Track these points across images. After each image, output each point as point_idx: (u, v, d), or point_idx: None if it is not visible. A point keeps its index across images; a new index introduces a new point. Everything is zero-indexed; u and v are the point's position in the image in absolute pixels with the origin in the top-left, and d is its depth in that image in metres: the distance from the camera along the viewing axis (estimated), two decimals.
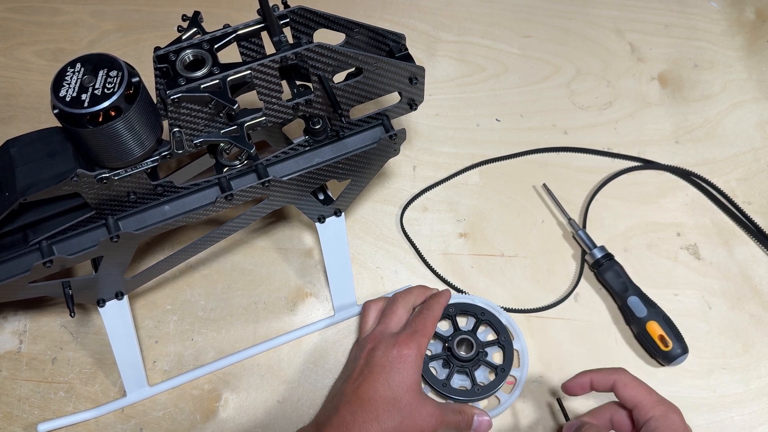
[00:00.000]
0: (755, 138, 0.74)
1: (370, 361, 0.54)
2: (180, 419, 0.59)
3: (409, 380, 0.53)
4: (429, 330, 0.56)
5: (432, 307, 0.58)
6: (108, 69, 0.45)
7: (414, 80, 0.56)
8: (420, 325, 0.56)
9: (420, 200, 0.70)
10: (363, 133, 0.58)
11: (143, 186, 0.51)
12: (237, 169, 0.54)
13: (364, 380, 0.53)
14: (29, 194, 0.47)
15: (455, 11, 0.83)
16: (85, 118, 0.44)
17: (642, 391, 0.50)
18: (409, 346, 0.54)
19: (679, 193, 0.70)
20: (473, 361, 0.60)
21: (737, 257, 0.67)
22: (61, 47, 0.79)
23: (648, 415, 0.49)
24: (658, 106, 0.76)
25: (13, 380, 0.60)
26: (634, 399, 0.50)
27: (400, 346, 0.54)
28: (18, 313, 0.63)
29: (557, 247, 0.67)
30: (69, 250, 0.52)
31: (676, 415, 0.49)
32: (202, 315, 0.63)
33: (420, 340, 0.55)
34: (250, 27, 0.52)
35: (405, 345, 0.54)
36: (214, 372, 0.61)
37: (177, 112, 0.48)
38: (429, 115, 0.75)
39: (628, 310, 0.62)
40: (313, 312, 0.64)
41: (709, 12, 0.83)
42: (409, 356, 0.53)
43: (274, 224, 0.68)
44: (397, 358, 0.53)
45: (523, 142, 0.73)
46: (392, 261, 0.67)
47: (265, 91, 0.51)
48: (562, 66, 0.78)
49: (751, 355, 0.62)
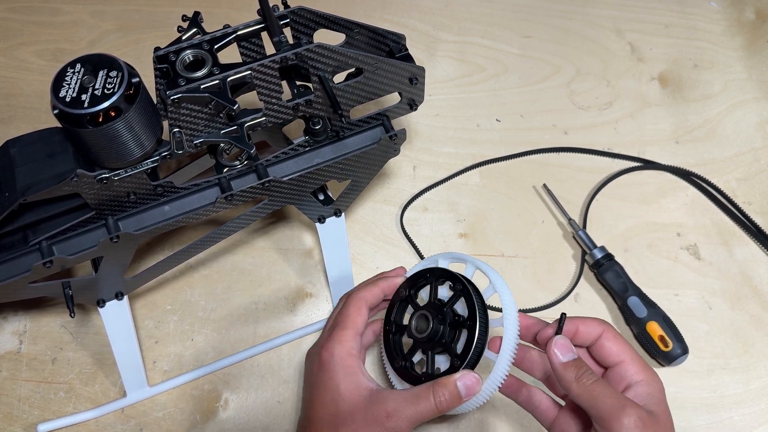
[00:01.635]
0: (755, 138, 0.74)
1: (307, 379, 0.50)
2: (180, 419, 0.59)
3: (342, 388, 0.46)
4: (351, 320, 0.49)
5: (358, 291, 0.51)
6: (108, 69, 0.45)
7: (414, 80, 0.56)
8: (340, 318, 0.49)
9: (420, 200, 0.70)
10: (363, 134, 0.58)
11: (143, 186, 0.51)
12: (237, 169, 0.54)
13: (307, 402, 0.49)
14: (29, 194, 0.47)
15: (455, 11, 0.83)
16: (85, 118, 0.44)
17: (630, 350, 0.46)
18: (327, 348, 0.48)
19: (679, 193, 0.70)
20: (431, 342, 0.49)
21: (737, 257, 0.67)
22: (61, 47, 0.79)
23: (637, 377, 0.45)
24: (658, 106, 0.76)
25: (13, 380, 0.60)
26: (621, 355, 0.46)
27: (321, 355, 0.48)
28: (18, 313, 0.63)
29: (557, 247, 0.67)
30: (69, 251, 0.52)
31: (660, 381, 0.46)
32: (202, 315, 0.63)
33: (340, 335, 0.48)
34: (250, 27, 0.52)
35: (325, 349, 0.48)
36: (214, 372, 0.61)
37: (177, 113, 0.48)
38: (429, 115, 0.75)
39: (628, 310, 0.62)
40: (313, 312, 0.64)
41: (709, 12, 0.83)
42: (330, 361, 0.47)
43: (274, 224, 0.68)
44: (321, 369, 0.47)
45: (523, 142, 0.73)
46: (392, 261, 0.66)
47: (265, 91, 0.51)
48: (562, 66, 0.78)
49: (751, 356, 0.62)
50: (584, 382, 0.44)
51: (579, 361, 0.45)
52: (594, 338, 0.47)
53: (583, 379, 0.44)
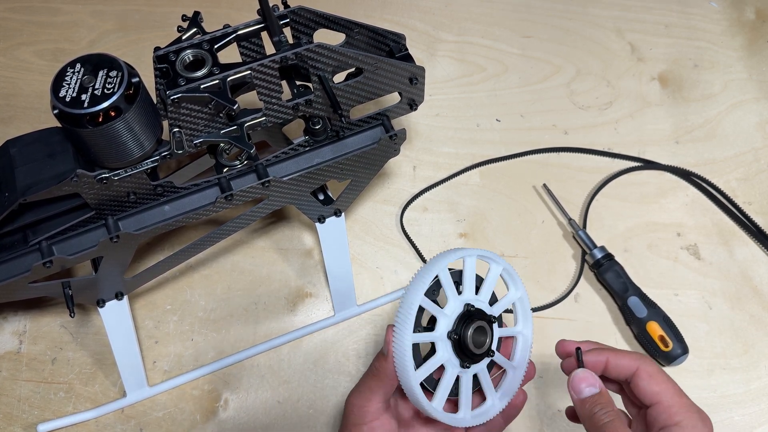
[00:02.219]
0: (755, 138, 0.74)
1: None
2: (180, 419, 0.59)
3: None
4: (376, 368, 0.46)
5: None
6: (108, 69, 0.45)
7: (414, 80, 0.56)
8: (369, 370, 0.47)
9: (420, 200, 0.70)
10: (363, 133, 0.58)
11: (143, 186, 0.51)
12: (237, 169, 0.54)
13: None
14: (29, 194, 0.47)
15: (455, 11, 0.83)
16: (85, 118, 0.44)
17: (670, 389, 0.43)
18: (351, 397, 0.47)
19: (680, 193, 0.70)
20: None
21: (737, 257, 0.67)
22: (61, 47, 0.79)
23: (674, 419, 0.41)
24: (658, 106, 0.76)
25: (13, 380, 0.60)
26: (657, 396, 0.42)
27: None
28: (18, 313, 0.63)
29: (557, 247, 0.67)
30: (69, 251, 0.52)
31: (707, 427, 0.42)
32: (202, 315, 0.63)
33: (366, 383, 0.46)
34: (250, 27, 0.52)
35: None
36: (214, 372, 0.61)
37: (177, 113, 0.48)
38: (429, 115, 0.75)
39: (628, 310, 0.62)
40: (313, 312, 0.64)
41: (709, 12, 0.83)
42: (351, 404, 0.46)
43: (274, 224, 0.68)
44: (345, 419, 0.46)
45: (523, 142, 0.73)
46: (392, 261, 0.66)
47: (265, 91, 0.51)
48: (562, 66, 0.78)
49: (751, 355, 0.62)
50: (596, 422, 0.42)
51: (598, 396, 0.43)
52: (628, 374, 0.44)
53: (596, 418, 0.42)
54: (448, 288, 0.47)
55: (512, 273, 0.50)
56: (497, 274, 0.49)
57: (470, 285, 0.48)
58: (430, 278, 0.46)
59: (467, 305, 0.46)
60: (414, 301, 0.45)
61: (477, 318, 0.46)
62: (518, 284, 0.50)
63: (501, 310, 0.49)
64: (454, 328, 0.46)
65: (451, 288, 0.47)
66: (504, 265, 0.49)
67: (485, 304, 0.48)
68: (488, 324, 0.47)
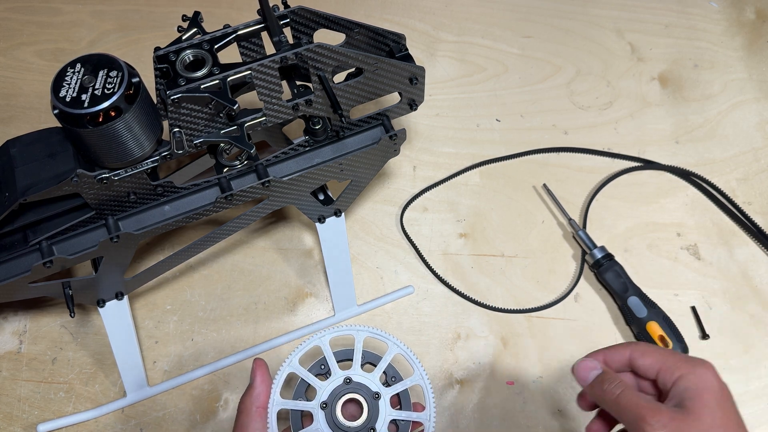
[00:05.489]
0: (755, 138, 0.74)
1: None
2: (180, 419, 0.59)
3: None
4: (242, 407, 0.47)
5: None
6: (108, 69, 0.45)
7: (414, 80, 0.56)
8: None
9: (420, 200, 0.70)
10: (363, 133, 0.58)
11: (143, 186, 0.51)
12: (237, 169, 0.54)
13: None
14: (29, 194, 0.47)
15: (455, 11, 0.83)
16: (85, 118, 0.44)
17: (663, 354, 0.44)
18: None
19: (679, 193, 0.70)
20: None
21: (737, 257, 0.67)
22: (61, 47, 0.79)
23: (675, 374, 0.42)
24: (658, 106, 0.76)
25: (13, 380, 0.60)
26: (655, 365, 0.43)
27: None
28: (18, 313, 0.63)
29: (557, 247, 0.67)
30: (69, 251, 0.52)
31: (707, 369, 0.42)
32: (202, 315, 0.63)
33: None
34: (250, 27, 0.52)
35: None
36: (214, 372, 0.61)
37: (177, 113, 0.48)
38: (429, 115, 0.75)
39: (628, 310, 0.62)
40: (313, 312, 0.64)
41: (709, 12, 0.83)
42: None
43: (274, 224, 0.68)
44: None
45: (523, 142, 0.73)
46: (392, 261, 0.67)
47: (265, 91, 0.51)
48: (562, 66, 0.78)
49: (751, 355, 0.62)
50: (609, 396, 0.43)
51: (604, 374, 0.44)
52: (627, 362, 0.45)
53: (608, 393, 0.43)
54: (330, 360, 0.48)
55: (412, 357, 0.49)
56: (392, 354, 0.49)
57: (357, 360, 0.48)
58: (307, 347, 0.48)
59: (346, 378, 0.47)
60: (284, 368, 0.47)
61: (353, 391, 0.47)
62: (418, 368, 0.49)
63: (397, 390, 0.48)
64: (327, 398, 0.47)
65: (332, 360, 0.48)
66: (402, 350, 0.49)
67: (373, 382, 0.47)
68: (371, 398, 0.47)
